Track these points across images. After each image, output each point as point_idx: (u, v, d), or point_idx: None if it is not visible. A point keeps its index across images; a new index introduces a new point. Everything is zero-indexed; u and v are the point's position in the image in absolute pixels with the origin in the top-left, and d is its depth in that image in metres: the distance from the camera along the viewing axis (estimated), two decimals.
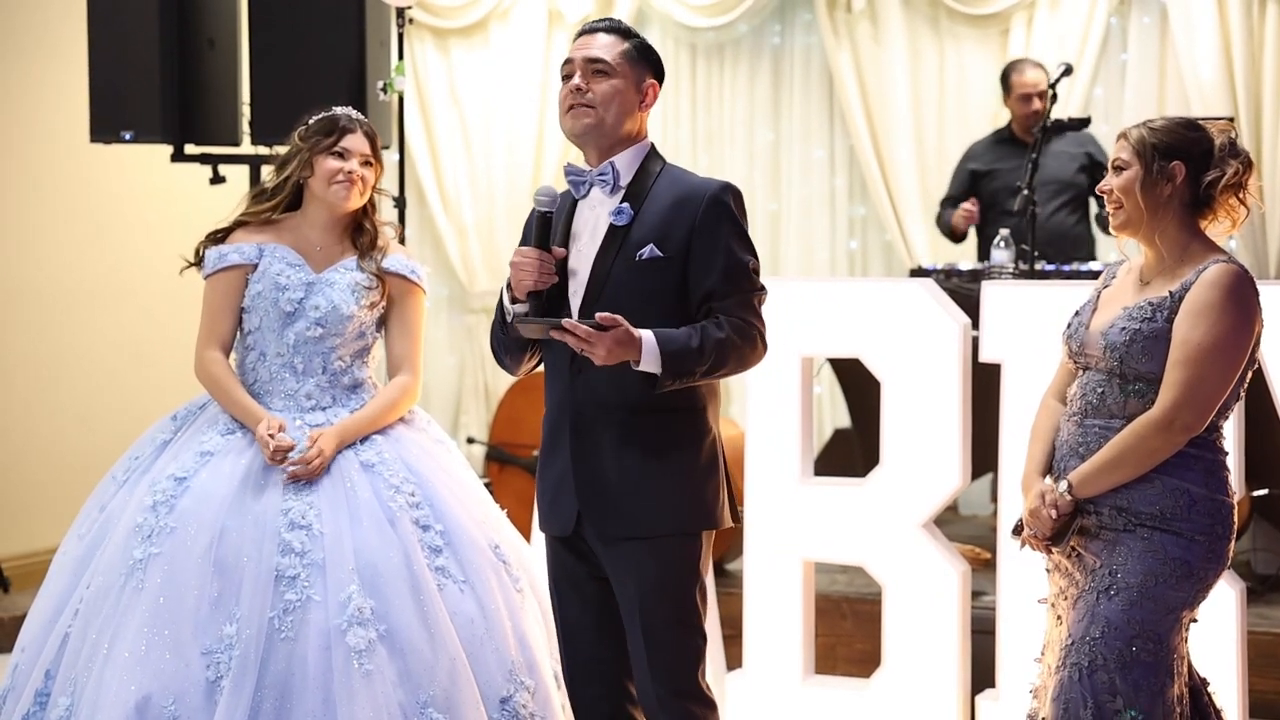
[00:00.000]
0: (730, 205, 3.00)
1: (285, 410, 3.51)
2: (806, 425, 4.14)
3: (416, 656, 3.24)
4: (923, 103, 6.88)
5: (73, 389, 6.15)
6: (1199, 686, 3.03)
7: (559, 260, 3.03)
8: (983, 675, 4.05)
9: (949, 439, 3.97)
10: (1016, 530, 3.06)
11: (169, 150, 5.06)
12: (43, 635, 3.37)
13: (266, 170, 3.93)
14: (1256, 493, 4.97)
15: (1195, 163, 2.94)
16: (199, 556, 3.28)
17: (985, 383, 4.02)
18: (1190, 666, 3.00)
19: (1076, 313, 3.09)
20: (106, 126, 4.94)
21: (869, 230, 7.15)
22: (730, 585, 4.75)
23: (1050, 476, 3.02)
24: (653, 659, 2.99)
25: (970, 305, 4.13)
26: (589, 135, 3.04)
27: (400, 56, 5.07)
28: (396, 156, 5.40)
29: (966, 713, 3.99)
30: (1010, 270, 5.39)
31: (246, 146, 5.11)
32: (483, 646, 3.33)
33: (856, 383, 5.51)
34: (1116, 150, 3.00)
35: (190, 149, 5.07)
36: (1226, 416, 2.96)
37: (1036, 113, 5.93)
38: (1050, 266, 5.52)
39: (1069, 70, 5.73)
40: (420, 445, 3.56)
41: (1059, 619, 3.03)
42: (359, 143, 3.54)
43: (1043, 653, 3.11)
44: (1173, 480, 2.89)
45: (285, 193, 3.59)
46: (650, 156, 3.08)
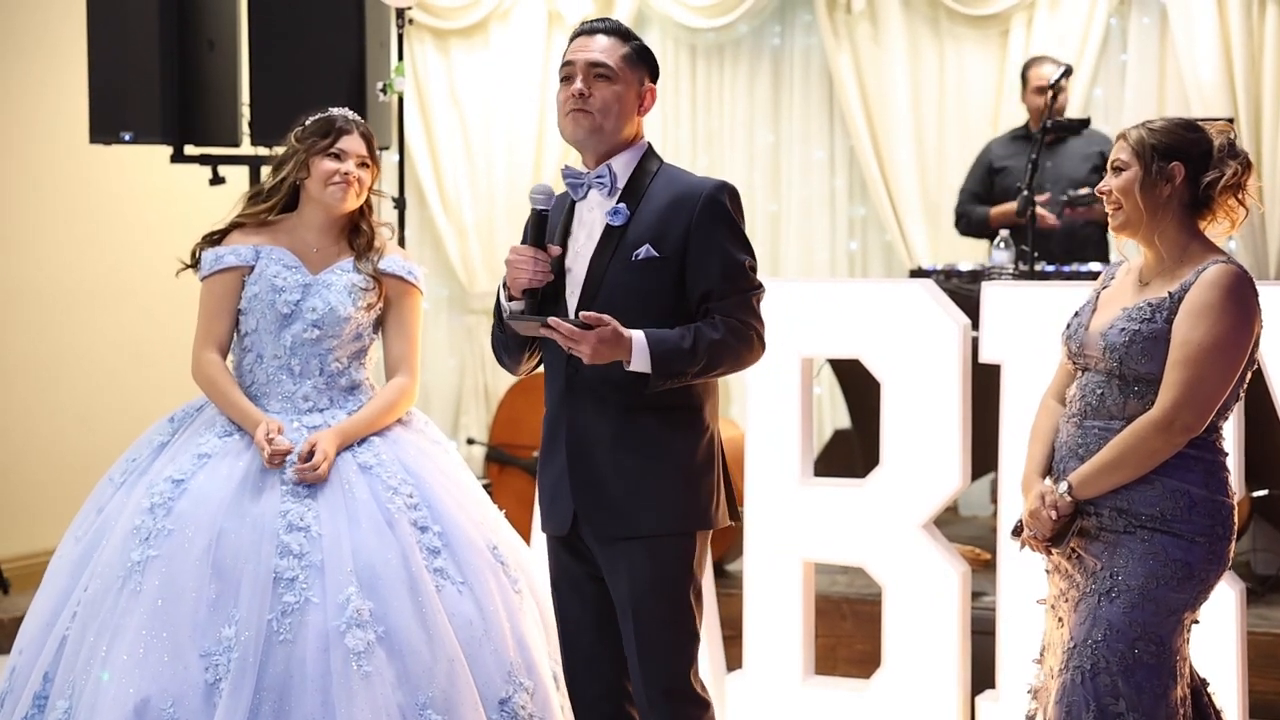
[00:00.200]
0: (726, 204, 2.99)
1: (282, 412, 3.50)
2: (806, 426, 4.14)
3: (415, 658, 3.23)
4: (923, 103, 6.88)
5: (73, 389, 6.15)
6: (1199, 687, 3.03)
7: (556, 259, 3.03)
8: (983, 676, 4.05)
9: (949, 440, 3.96)
10: (1016, 531, 3.05)
11: (169, 151, 5.06)
12: (40, 638, 3.36)
13: (266, 171, 3.93)
14: (1256, 493, 4.97)
15: (1194, 163, 2.94)
16: (197, 559, 3.27)
17: (985, 383, 4.02)
18: (1191, 667, 2.99)
19: (1076, 313, 3.09)
20: (106, 127, 4.94)
21: (869, 231, 7.15)
22: (730, 586, 4.75)
23: (1050, 478, 3.02)
24: (644, 659, 2.99)
25: (970, 306, 4.13)
26: (589, 141, 3.03)
27: (400, 57, 5.07)
28: (396, 157, 5.40)
29: (966, 713, 3.99)
30: (1010, 271, 5.39)
31: (246, 147, 5.11)
32: (481, 648, 3.33)
33: (856, 383, 5.51)
34: (1115, 151, 3.00)
35: (190, 150, 5.07)
36: (1226, 417, 2.96)
37: (1062, 101, 5.95)
38: (1050, 267, 5.52)
39: (1069, 71, 5.75)
40: (418, 447, 3.56)
41: (1059, 621, 3.03)
42: (355, 144, 3.53)
43: (1042, 654, 3.11)
44: (1173, 481, 2.89)
45: (281, 194, 3.58)
46: (647, 156, 3.08)
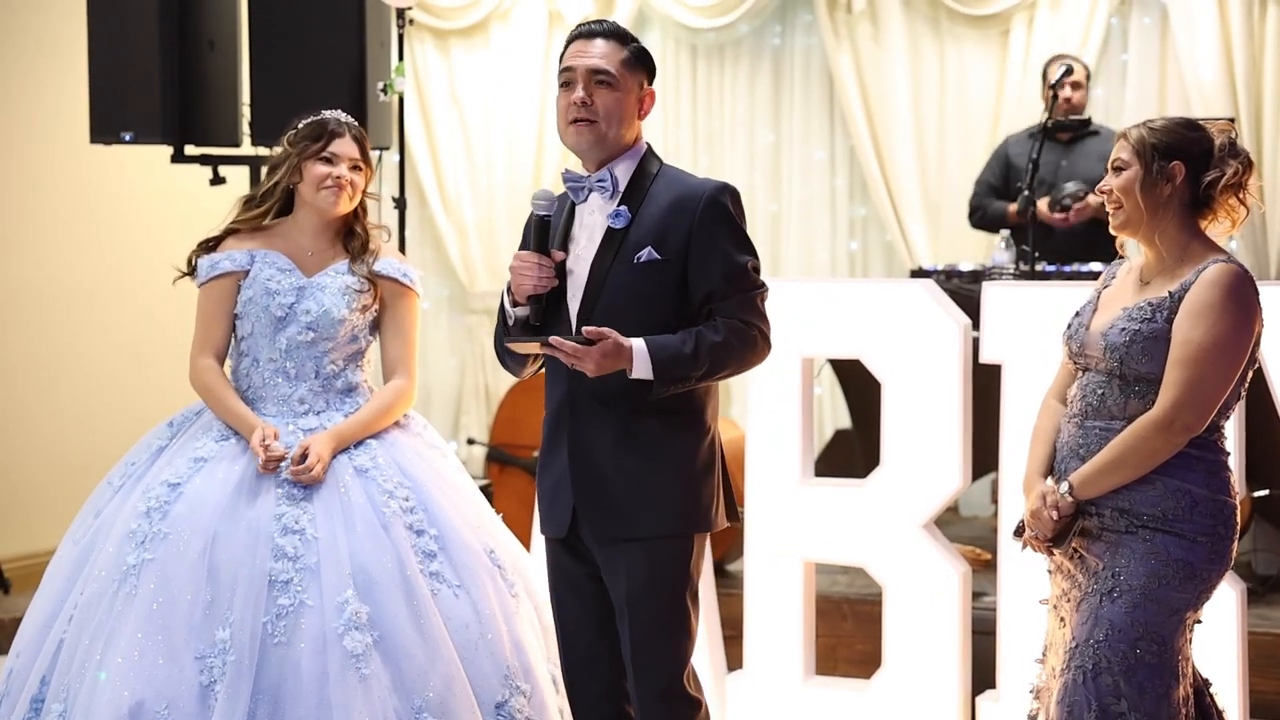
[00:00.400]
0: (728, 206, 2.99)
1: (279, 415, 3.50)
2: (807, 426, 4.14)
3: (410, 662, 3.23)
4: (923, 103, 6.87)
5: (73, 389, 6.15)
6: (1201, 687, 3.03)
7: (558, 263, 3.02)
8: (983, 676, 4.05)
9: (949, 440, 3.96)
10: (1018, 532, 3.05)
11: (169, 151, 5.06)
12: (38, 640, 3.35)
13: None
14: (1257, 493, 4.97)
15: (1195, 163, 2.94)
16: (192, 562, 3.26)
17: (986, 383, 4.02)
18: (1193, 667, 2.99)
19: (1077, 313, 3.08)
20: (107, 127, 4.94)
21: (869, 231, 7.14)
22: (731, 586, 4.75)
23: (1051, 478, 3.01)
24: (638, 659, 2.99)
25: (971, 306, 4.13)
26: (592, 151, 3.02)
27: (400, 57, 5.07)
28: (397, 157, 5.40)
29: (967, 713, 3.99)
30: (1011, 271, 5.38)
31: (247, 147, 5.11)
32: (477, 651, 3.32)
33: (857, 383, 5.51)
34: (1116, 150, 3.00)
35: (190, 150, 5.07)
36: (1228, 416, 2.95)
37: (1068, 100, 5.95)
38: (1051, 267, 5.52)
39: (1069, 71, 5.75)
40: (415, 450, 3.55)
41: (1061, 621, 3.02)
42: (347, 147, 3.53)
43: (1044, 654, 3.10)
44: (1174, 481, 2.88)
45: (275, 198, 3.58)
46: (647, 158, 3.07)
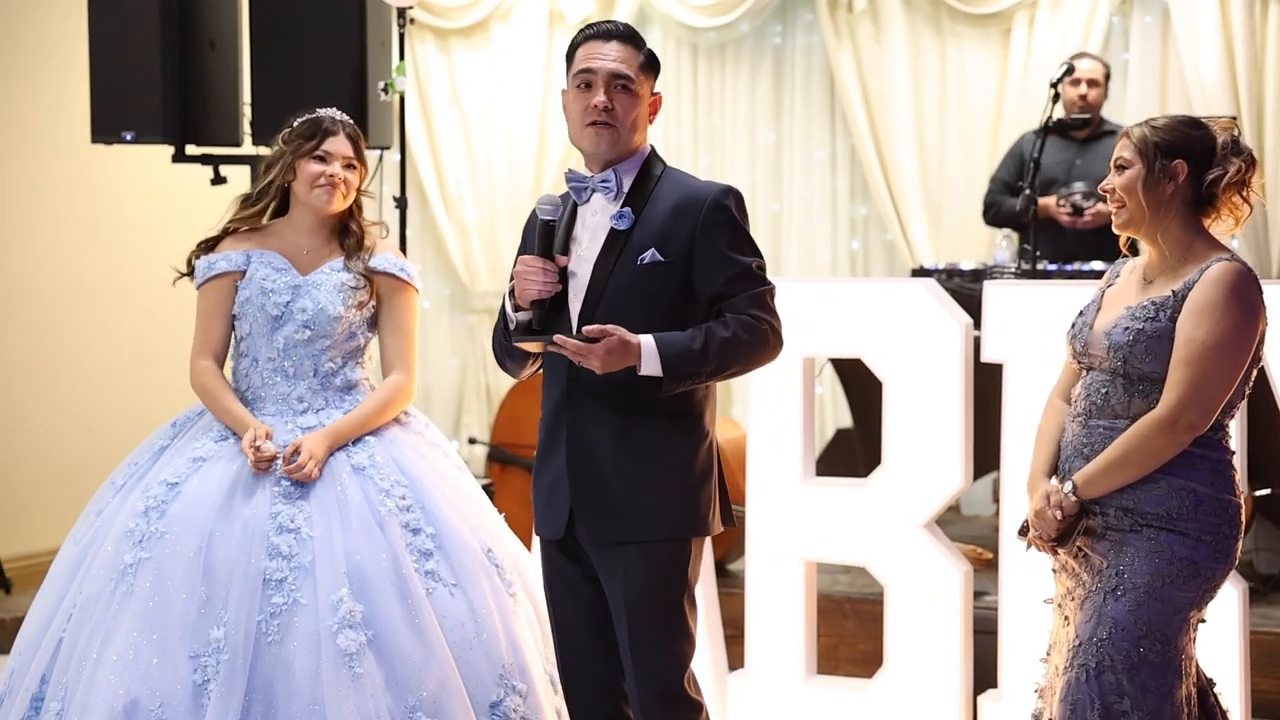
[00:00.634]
0: (732, 209, 2.99)
1: (278, 414, 3.50)
2: (808, 425, 4.13)
3: (404, 660, 3.23)
4: (924, 102, 6.87)
5: (73, 389, 6.14)
6: (1205, 687, 3.02)
7: (562, 267, 3.01)
8: (985, 675, 4.05)
9: (951, 439, 3.96)
10: (1023, 531, 3.05)
11: (170, 151, 5.05)
12: (37, 639, 3.37)
13: None
14: (1259, 492, 4.96)
15: (1197, 161, 2.93)
16: (188, 561, 3.27)
17: (987, 383, 4.02)
18: (1197, 667, 2.99)
19: (1080, 313, 3.08)
20: (107, 127, 4.93)
21: (870, 230, 7.14)
22: (732, 585, 4.74)
23: (1055, 477, 3.01)
24: (638, 663, 2.98)
25: (972, 305, 4.12)
26: (608, 152, 3.01)
27: (401, 57, 5.06)
28: (398, 157, 5.39)
29: (968, 713, 3.98)
30: (1012, 270, 5.38)
31: (247, 147, 5.10)
32: (473, 650, 3.32)
33: (858, 383, 5.50)
34: (1119, 149, 2.99)
35: (191, 150, 5.06)
36: (1232, 415, 2.95)
37: (1083, 97, 5.95)
38: (1053, 266, 5.51)
39: (1070, 70, 5.74)
40: (414, 448, 3.55)
41: (1066, 620, 3.02)
42: (341, 145, 3.53)
43: (1049, 653, 3.10)
44: (1178, 480, 2.88)
45: (270, 197, 3.59)
46: (650, 160, 3.07)
